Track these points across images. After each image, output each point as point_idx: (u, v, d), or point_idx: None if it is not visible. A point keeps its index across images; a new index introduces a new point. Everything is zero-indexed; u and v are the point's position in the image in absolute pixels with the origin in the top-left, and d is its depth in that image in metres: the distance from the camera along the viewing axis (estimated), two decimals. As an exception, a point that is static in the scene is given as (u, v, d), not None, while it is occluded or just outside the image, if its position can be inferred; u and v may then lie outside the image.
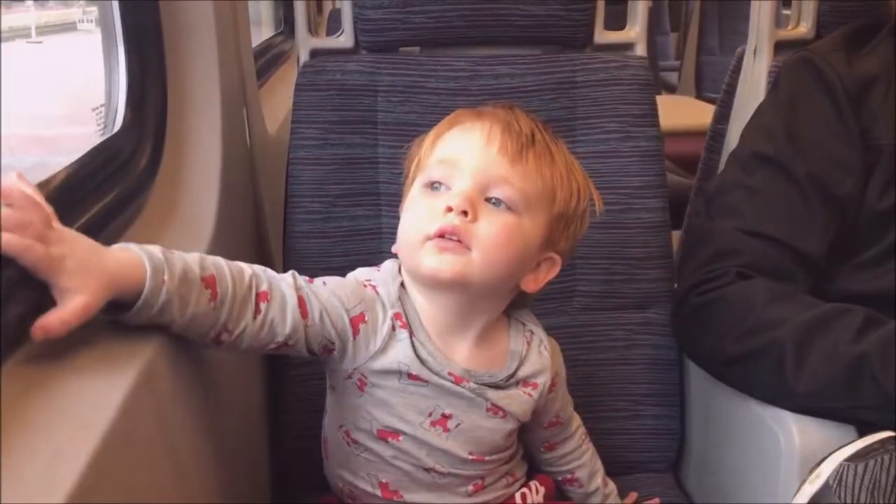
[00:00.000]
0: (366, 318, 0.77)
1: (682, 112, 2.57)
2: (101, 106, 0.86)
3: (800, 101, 1.01)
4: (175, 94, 0.95)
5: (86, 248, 0.59)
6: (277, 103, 1.57)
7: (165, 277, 0.63)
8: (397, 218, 1.08)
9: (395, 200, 1.09)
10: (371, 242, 1.07)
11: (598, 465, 0.98)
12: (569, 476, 0.97)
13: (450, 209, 0.74)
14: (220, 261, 0.70)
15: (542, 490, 0.92)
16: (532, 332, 0.86)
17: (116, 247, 0.63)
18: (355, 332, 0.77)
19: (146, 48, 0.93)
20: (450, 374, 0.79)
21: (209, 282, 0.67)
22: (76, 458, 0.47)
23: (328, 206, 1.08)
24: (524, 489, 0.90)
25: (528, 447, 0.95)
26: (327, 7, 2.53)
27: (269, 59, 1.99)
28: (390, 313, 0.78)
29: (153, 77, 0.93)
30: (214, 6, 0.97)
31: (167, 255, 0.65)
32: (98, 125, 0.83)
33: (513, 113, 0.80)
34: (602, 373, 1.10)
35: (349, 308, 0.77)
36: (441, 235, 0.74)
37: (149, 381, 0.59)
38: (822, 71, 0.99)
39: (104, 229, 0.74)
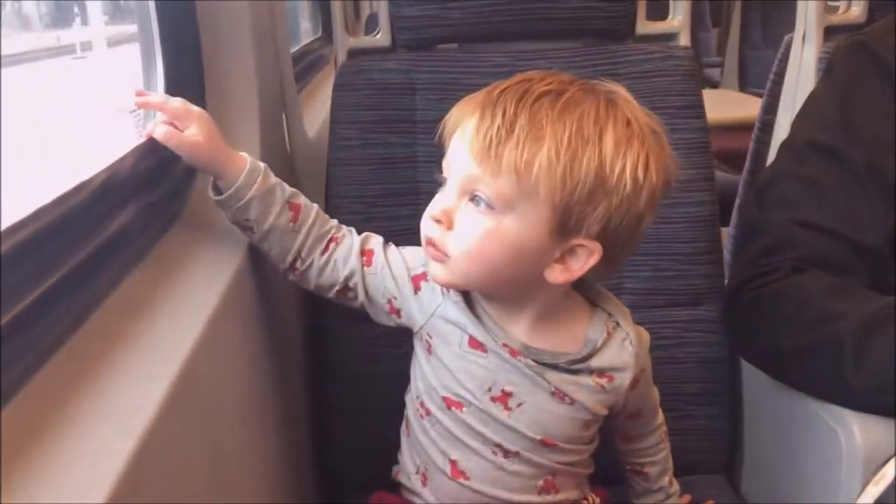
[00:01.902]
0: (427, 277, 0.82)
1: (727, 105, 2.53)
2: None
3: (855, 87, 0.97)
4: (213, 99, 0.96)
5: (215, 130, 0.80)
6: (317, 108, 1.57)
7: (258, 179, 0.80)
8: (438, 218, 1.07)
9: (435, 199, 1.08)
10: (413, 242, 1.05)
11: (670, 465, 0.96)
12: (638, 468, 0.94)
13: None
14: (313, 205, 0.85)
15: (597, 501, 0.90)
16: (617, 325, 0.83)
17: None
18: (416, 287, 0.83)
19: (184, 53, 0.93)
20: (505, 345, 0.79)
21: (294, 207, 0.82)
22: (115, 459, 0.47)
23: (368, 207, 1.07)
24: (584, 502, 0.88)
25: (604, 434, 0.91)
26: (364, 11, 2.53)
27: (308, 64, 2.00)
28: None
29: (191, 81, 0.94)
30: (251, 11, 0.97)
31: (267, 170, 0.81)
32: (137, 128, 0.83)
33: (499, 97, 0.72)
34: (652, 372, 1.07)
35: (411, 267, 0.83)
36: (429, 243, 0.76)
37: (189, 380, 0.59)
38: (878, 55, 0.96)
39: (143, 232, 0.74)
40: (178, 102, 0.79)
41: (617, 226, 0.73)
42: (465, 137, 0.73)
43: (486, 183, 0.71)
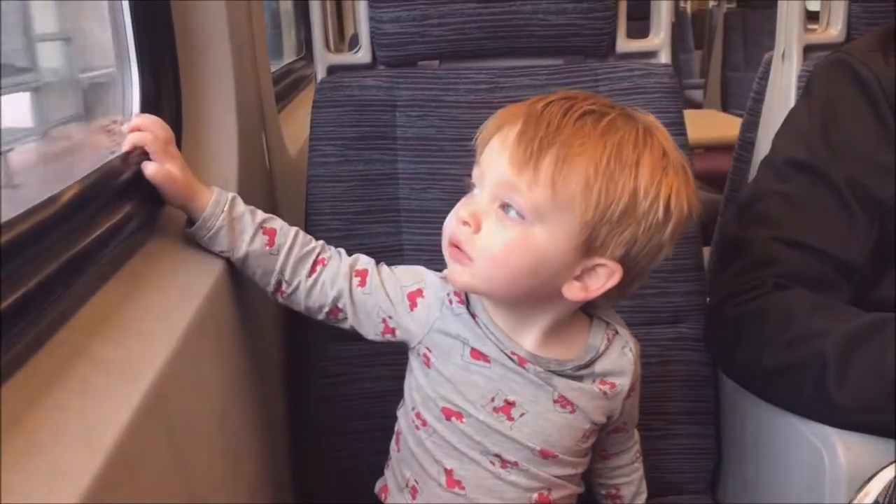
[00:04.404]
0: (424, 294, 0.83)
1: (710, 125, 2.54)
2: (114, 123, 0.85)
3: (836, 104, 0.97)
4: (190, 115, 0.95)
5: (187, 167, 0.82)
6: (299, 126, 1.56)
7: (225, 209, 0.81)
8: (418, 234, 1.07)
9: (415, 216, 1.07)
10: (392, 260, 1.04)
11: (644, 488, 0.96)
12: (613, 491, 0.94)
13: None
14: (292, 228, 0.85)
15: None
16: (616, 332, 0.84)
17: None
18: (412, 304, 0.82)
19: (160, 70, 0.91)
20: (513, 353, 0.79)
21: (268, 231, 0.83)
22: (77, 482, 0.45)
23: (348, 224, 1.06)
24: None
25: None
26: (349, 30, 2.53)
27: (290, 83, 1.99)
28: (450, 288, 0.82)
29: (167, 99, 0.92)
30: (230, 28, 0.96)
31: (235, 199, 0.83)
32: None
33: (544, 110, 0.74)
34: (634, 391, 1.07)
35: (405, 285, 0.84)
36: (452, 244, 0.76)
37: (159, 399, 0.57)
38: (858, 72, 0.96)
39: (116, 246, 0.72)
40: (159, 141, 0.80)
41: (639, 253, 0.74)
42: (505, 145, 0.74)
43: (521, 192, 0.72)
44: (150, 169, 0.78)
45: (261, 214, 0.84)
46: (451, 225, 0.76)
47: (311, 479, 1.08)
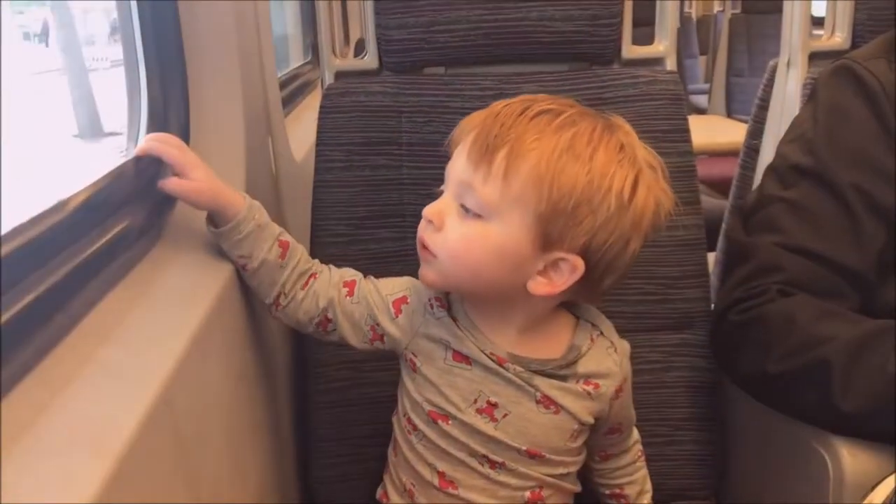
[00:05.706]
0: (408, 300, 0.85)
1: (715, 131, 2.54)
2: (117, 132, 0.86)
3: (840, 111, 0.97)
4: (197, 120, 0.95)
5: (211, 171, 0.81)
6: (305, 131, 1.56)
7: (256, 216, 0.82)
8: (423, 240, 1.07)
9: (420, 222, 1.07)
10: (396, 265, 1.05)
11: (649, 486, 0.97)
12: (617, 491, 0.95)
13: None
14: (298, 244, 0.87)
15: None
16: (601, 334, 0.85)
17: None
18: (396, 311, 0.84)
19: (168, 76, 0.92)
20: (492, 354, 0.80)
21: (283, 244, 0.84)
22: (86, 487, 0.45)
23: (354, 230, 1.07)
24: None
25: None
26: (354, 35, 2.54)
27: (296, 88, 2.00)
28: (431, 293, 0.84)
29: (175, 104, 0.93)
30: (238, 34, 0.96)
31: (260, 206, 0.84)
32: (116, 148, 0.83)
33: (501, 110, 0.76)
34: (638, 397, 1.05)
35: (390, 293, 0.85)
36: (420, 243, 0.80)
37: (167, 404, 0.57)
38: (862, 78, 0.96)
39: (122, 253, 0.73)
40: (177, 151, 0.80)
41: (601, 245, 0.75)
42: (464, 146, 0.77)
43: (476, 189, 0.74)
44: (172, 185, 0.79)
45: (276, 226, 0.86)
46: (421, 225, 0.79)
47: (314, 483, 1.09)
